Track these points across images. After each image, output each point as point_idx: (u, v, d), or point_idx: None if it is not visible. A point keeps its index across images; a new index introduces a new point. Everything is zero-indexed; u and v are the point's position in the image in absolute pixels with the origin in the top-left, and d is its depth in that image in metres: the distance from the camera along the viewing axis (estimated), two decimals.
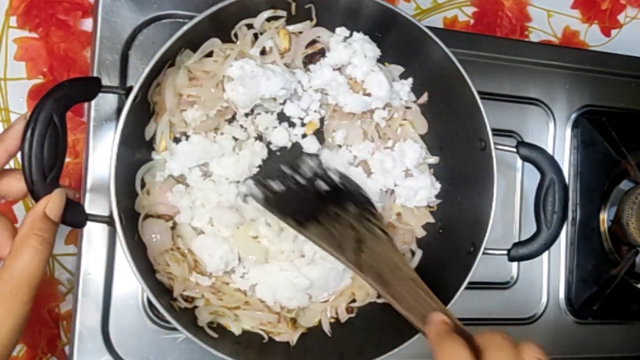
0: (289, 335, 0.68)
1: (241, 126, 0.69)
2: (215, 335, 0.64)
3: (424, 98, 0.73)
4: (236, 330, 0.66)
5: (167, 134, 0.65)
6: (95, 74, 0.67)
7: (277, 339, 0.68)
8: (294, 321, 0.69)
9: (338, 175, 0.68)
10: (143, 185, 0.65)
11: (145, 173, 0.65)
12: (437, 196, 0.74)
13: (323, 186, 0.67)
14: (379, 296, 0.72)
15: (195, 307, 0.65)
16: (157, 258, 0.64)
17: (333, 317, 0.71)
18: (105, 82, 0.63)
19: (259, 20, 0.67)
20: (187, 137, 0.66)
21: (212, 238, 0.66)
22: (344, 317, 0.71)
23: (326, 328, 0.70)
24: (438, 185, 0.74)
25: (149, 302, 0.68)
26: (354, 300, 0.72)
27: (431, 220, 0.74)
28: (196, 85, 0.65)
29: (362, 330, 0.70)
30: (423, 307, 0.57)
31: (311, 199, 0.66)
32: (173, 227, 0.66)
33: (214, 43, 0.66)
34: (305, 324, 0.70)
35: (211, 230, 0.66)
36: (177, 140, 0.66)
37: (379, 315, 0.69)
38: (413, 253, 0.74)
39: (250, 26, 0.67)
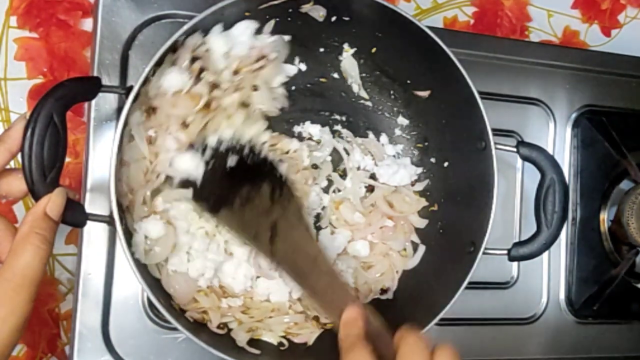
0: (309, 335, 0.68)
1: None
2: (257, 351, 0.64)
3: (425, 93, 0.73)
4: (274, 340, 0.67)
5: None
6: (95, 74, 0.67)
7: (295, 340, 0.68)
8: (317, 319, 0.69)
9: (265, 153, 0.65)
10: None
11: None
12: (437, 195, 0.74)
13: (232, 161, 0.63)
14: (381, 293, 0.72)
15: (230, 329, 0.66)
16: (187, 303, 0.65)
17: None
18: (105, 82, 0.63)
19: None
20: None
21: (229, 261, 0.66)
22: None
23: None
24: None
25: (149, 302, 0.68)
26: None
27: (424, 204, 0.74)
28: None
29: None
30: (341, 301, 0.54)
31: (224, 182, 0.62)
32: None
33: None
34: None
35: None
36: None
37: (383, 313, 0.69)
38: (415, 247, 0.74)
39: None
